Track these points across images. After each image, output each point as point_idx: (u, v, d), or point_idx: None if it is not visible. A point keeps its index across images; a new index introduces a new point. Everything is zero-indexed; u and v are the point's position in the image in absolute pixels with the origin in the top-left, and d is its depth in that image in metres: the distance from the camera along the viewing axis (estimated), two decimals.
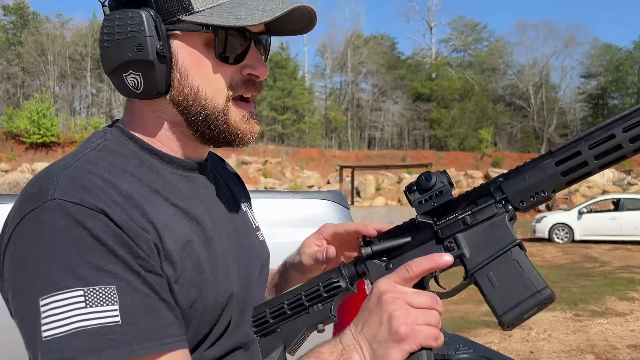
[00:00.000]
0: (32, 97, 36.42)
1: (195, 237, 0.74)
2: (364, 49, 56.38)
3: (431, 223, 0.75)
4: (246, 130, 0.78)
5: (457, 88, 53.17)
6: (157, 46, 0.71)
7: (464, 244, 0.75)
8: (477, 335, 5.36)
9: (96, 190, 0.65)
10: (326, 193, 1.83)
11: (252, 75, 0.76)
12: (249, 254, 0.87)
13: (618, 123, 0.67)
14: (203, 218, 0.77)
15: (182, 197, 0.76)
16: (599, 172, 0.70)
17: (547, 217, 15.89)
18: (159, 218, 0.70)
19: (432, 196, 0.74)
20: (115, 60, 0.72)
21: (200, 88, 0.74)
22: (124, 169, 0.72)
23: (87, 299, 0.58)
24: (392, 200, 31.23)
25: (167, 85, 0.73)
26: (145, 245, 0.66)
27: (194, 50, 0.73)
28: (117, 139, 0.76)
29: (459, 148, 48.71)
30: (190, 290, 0.71)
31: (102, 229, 0.62)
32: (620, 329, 5.67)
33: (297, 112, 50.05)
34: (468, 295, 7.52)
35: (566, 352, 4.89)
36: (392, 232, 0.80)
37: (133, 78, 0.72)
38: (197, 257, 0.73)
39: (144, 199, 0.70)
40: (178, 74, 0.73)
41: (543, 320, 6.02)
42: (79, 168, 0.68)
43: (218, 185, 0.88)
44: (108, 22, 0.73)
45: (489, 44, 59.00)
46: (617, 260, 11.38)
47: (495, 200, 0.74)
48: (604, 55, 54.84)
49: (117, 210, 0.64)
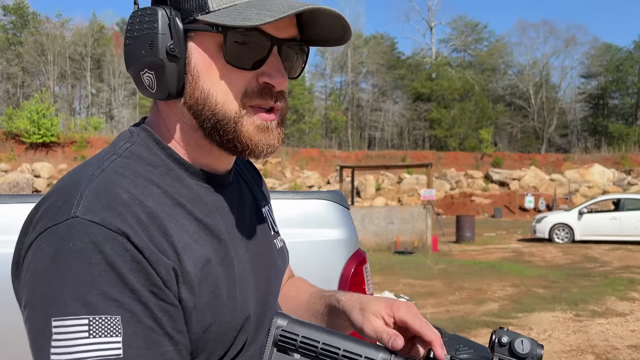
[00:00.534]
0: (32, 97, 36.44)
1: (214, 255, 0.72)
2: (364, 49, 56.42)
3: None
4: (258, 141, 0.72)
5: (457, 88, 53.19)
6: (168, 45, 0.68)
7: None
8: (477, 336, 5.36)
9: (120, 209, 0.63)
10: (326, 193, 1.83)
11: (269, 84, 0.72)
12: (269, 268, 0.85)
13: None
14: (224, 234, 0.75)
15: (205, 211, 0.74)
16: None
17: (547, 217, 15.89)
18: (181, 238, 0.68)
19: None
20: (133, 57, 0.71)
21: (211, 92, 0.70)
22: (150, 179, 0.70)
23: (91, 329, 0.58)
24: (392, 200, 31.23)
25: (179, 87, 0.71)
26: (164, 270, 0.64)
27: (206, 52, 0.70)
28: (145, 143, 0.73)
29: (459, 148, 48.72)
30: (205, 314, 0.69)
31: (119, 253, 0.61)
32: (621, 329, 5.67)
33: (297, 112, 50.08)
34: (468, 296, 7.52)
35: (566, 352, 4.89)
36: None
37: (148, 77, 0.71)
38: (215, 279, 0.70)
39: (168, 215, 0.68)
40: (190, 75, 0.70)
41: (543, 321, 6.02)
42: (104, 181, 0.65)
43: (242, 195, 0.85)
44: (132, 18, 0.72)
45: (489, 44, 59.06)
46: (617, 260, 11.38)
47: None
48: (604, 55, 54.86)
49: (139, 232, 0.63)
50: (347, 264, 1.51)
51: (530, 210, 29.12)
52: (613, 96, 55.51)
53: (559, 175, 34.55)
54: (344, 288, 1.51)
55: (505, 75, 57.53)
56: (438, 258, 11.44)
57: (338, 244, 1.43)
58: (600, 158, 39.79)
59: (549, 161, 41.46)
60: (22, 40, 47.37)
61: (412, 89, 55.15)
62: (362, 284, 1.64)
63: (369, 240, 13.03)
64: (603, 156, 41.20)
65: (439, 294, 7.69)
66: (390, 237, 13.18)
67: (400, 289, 7.82)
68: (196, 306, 0.67)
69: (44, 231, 0.62)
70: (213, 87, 0.70)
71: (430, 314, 6.33)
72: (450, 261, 11.17)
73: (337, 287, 1.45)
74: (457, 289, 8.06)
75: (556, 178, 33.81)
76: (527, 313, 6.39)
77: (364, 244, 12.55)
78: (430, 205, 13.46)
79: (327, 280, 1.31)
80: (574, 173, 34.05)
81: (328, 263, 1.38)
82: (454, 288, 8.11)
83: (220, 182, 0.79)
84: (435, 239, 13.38)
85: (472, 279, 8.86)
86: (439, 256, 11.87)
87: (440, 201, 31.02)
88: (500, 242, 15.80)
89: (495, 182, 34.92)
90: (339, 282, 1.52)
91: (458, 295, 7.59)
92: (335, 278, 1.42)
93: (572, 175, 33.62)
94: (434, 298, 7.36)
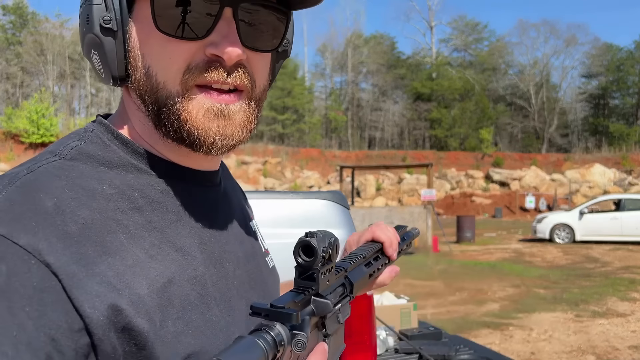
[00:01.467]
0: (32, 97, 36.42)
1: (179, 273, 0.58)
2: (364, 49, 56.42)
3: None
4: (208, 128, 0.57)
5: (457, 88, 53.18)
6: (103, 16, 0.57)
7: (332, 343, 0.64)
8: (478, 336, 5.34)
9: (37, 219, 0.49)
10: (326, 193, 1.81)
11: (217, 57, 0.57)
12: (260, 286, 0.72)
13: None
14: (193, 247, 0.61)
15: (170, 219, 0.60)
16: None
17: (548, 218, 15.87)
18: (129, 253, 0.54)
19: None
20: (81, 38, 0.61)
21: (150, 71, 0.58)
22: (101, 180, 0.57)
23: None
24: (392, 201, 31.23)
25: (122, 68, 0.59)
26: (89, 304, 0.48)
27: (144, 22, 0.57)
28: (99, 140, 0.60)
29: (460, 148, 48.72)
30: (176, 346, 0.55)
31: (18, 277, 0.46)
32: (622, 329, 5.66)
33: (297, 112, 50.08)
34: (469, 296, 7.50)
35: (567, 352, 4.87)
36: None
37: (95, 58, 0.60)
38: (182, 302, 0.57)
39: (117, 225, 0.54)
40: (131, 53, 0.59)
41: (544, 321, 6.01)
42: (27, 184, 0.52)
43: (229, 200, 0.72)
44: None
45: (490, 44, 59.05)
46: (618, 260, 11.36)
47: (349, 298, 0.67)
48: (605, 55, 54.84)
49: (59, 249, 0.49)
50: None
51: (531, 210, 29.11)
52: (614, 96, 55.49)
53: (559, 175, 34.53)
54: None
55: (505, 75, 57.53)
56: (438, 258, 11.43)
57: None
58: (601, 158, 39.77)
59: (549, 161, 41.45)
60: (22, 40, 47.39)
61: (412, 89, 55.14)
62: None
63: None
64: (604, 156, 41.18)
65: (440, 294, 7.68)
66: None
67: (401, 290, 7.81)
68: (162, 338, 0.53)
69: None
70: (152, 65, 0.57)
71: (430, 314, 6.32)
72: (451, 261, 11.15)
73: None
74: (457, 289, 8.04)
75: (557, 178, 33.80)
76: (528, 313, 6.37)
77: None
78: (430, 206, 13.44)
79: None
80: (575, 173, 34.04)
81: None
82: (455, 288, 8.09)
83: (200, 181, 0.65)
84: (436, 239, 13.37)
85: (473, 280, 8.85)
86: (439, 256, 11.86)
87: (440, 201, 31.01)
88: (500, 243, 15.78)
89: (496, 182, 34.91)
90: None
91: (458, 295, 7.58)
92: None
93: (573, 176, 33.61)
94: (435, 298, 7.35)
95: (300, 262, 0.56)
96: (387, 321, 2.91)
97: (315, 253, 0.55)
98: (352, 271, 0.72)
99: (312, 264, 0.56)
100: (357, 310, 1.50)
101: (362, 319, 1.51)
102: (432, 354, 2.54)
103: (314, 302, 0.57)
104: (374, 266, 0.82)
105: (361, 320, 1.50)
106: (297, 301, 0.54)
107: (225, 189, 0.72)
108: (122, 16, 0.57)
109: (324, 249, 0.56)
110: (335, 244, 0.58)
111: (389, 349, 2.67)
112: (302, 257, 0.56)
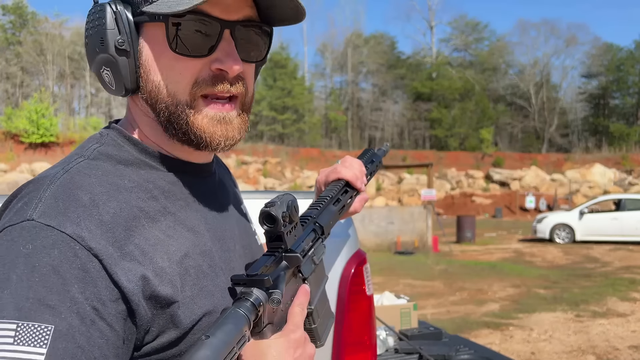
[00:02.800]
0: (31, 97, 36.41)
1: (192, 248, 0.70)
2: (364, 49, 56.39)
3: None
4: (213, 133, 0.70)
5: (457, 88, 53.16)
6: (117, 39, 0.68)
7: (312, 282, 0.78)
8: (478, 336, 5.34)
9: (79, 212, 0.61)
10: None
11: (222, 71, 0.69)
12: (253, 259, 0.84)
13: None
14: (200, 226, 0.74)
15: (181, 204, 0.73)
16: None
17: (548, 218, 15.87)
18: (151, 234, 0.66)
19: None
20: (90, 55, 0.71)
21: (162, 84, 0.69)
22: (121, 176, 0.69)
23: (17, 335, 0.54)
24: (392, 200, 31.22)
25: (135, 82, 0.70)
26: (125, 277, 0.60)
27: (155, 43, 0.69)
28: (115, 142, 0.72)
29: (460, 148, 48.71)
30: (193, 307, 0.67)
31: (68, 259, 0.58)
32: (622, 329, 5.65)
33: (297, 111, 50.06)
34: (469, 296, 7.50)
35: (567, 352, 4.87)
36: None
37: (106, 74, 0.71)
38: (197, 271, 0.69)
39: (140, 212, 0.66)
40: (142, 69, 0.70)
41: (544, 321, 6.00)
42: (65, 183, 0.64)
43: (224, 187, 0.85)
44: (87, 17, 0.72)
45: (490, 44, 59.02)
46: (618, 260, 11.36)
47: (322, 239, 0.81)
48: (605, 54, 54.81)
49: (98, 236, 0.60)
50: (347, 265, 1.49)
51: (531, 210, 29.10)
52: (614, 96, 55.47)
53: (559, 175, 34.53)
54: (344, 288, 1.50)
55: (506, 75, 57.51)
56: (439, 258, 11.42)
57: (338, 244, 1.41)
58: (601, 158, 39.76)
59: (549, 161, 41.44)
60: (21, 40, 47.37)
61: (412, 89, 55.12)
62: (363, 284, 1.62)
63: (369, 241, 13.01)
64: (604, 156, 41.17)
65: (440, 294, 7.67)
66: (390, 237, 13.15)
67: (401, 290, 7.80)
68: (182, 300, 0.66)
69: (1, 231, 0.61)
70: (163, 79, 0.69)
71: (430, 314, 6.31)
72: (451, 261, 11.15)
73: (337, 287, 1.43)
74: (457, 289, 8.04)
75: (557, 178, 33.80)
76: (528, 313, 6.37)
77: (364, 244, 12.55)
78: (430, 206, 13.43)
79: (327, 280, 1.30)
80: (575, 173, 34.04)
81: (328, 263, 1.36)
82: (455, 288, 8.09)
83: (199, 172, 0.78)
84: (436, 239, 13.36)
85: (473, 280, 8.84)
86: (439, 256, 11.86)
87: (440, 201, 31.01)
88: (500, 243, 15.78)
89: (496, 182, 34.90)
90: (339, 282, 1.51)
91: (459, 295, 7.57)
92: (335, 278, 1.40)
93: (573, 175, 33.61)
94: (435, 298, 7.34)
95: (266, 229, 0.67)
96: (387, 321, 2.90)
97: (276, 220, 0.65)
98: (321, 215, 0.84)
99: (275, 228, 0.66)
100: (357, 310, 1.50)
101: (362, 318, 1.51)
102: (432, 354, 2.54)
103: (285, 258, 0.69)
104: (343, 201, 0.94)
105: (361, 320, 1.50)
106: (268, 265, 0.67)
107: (220, 177, 0.85)
108: (133, 38, 0.69)
109: (284, 213, 0.66)
110: (294, 205, 0.69)
111: (389, 349, 2.66)
112: (266, 225, 0.66)
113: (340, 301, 1.36)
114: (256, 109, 50.42)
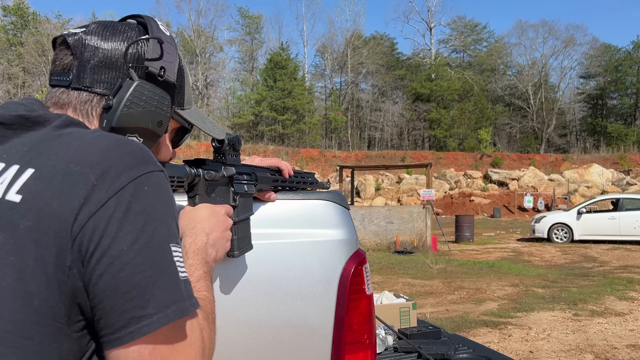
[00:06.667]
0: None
1: None
2: (364, 50, 56.38)
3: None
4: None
5: (456, 88, 53.19)
6: (167, 126, 0.88)
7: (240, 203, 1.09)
8: (477, 335, 5.37)
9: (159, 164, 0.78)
10: (326, 193, 1.83)
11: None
12: None
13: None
14: None
15: None
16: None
17: (546, 217, 15.90)
18: None
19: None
20: (132, 122, 0.82)
21: (161, 152, 0.94)
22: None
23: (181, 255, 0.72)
24: (392, 200, 31.23)
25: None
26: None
27: (170, 130, 0.93)
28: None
29: (459, 148, 48.74)
30: None
31: (170, 191, 0.76)
32: (620, 328, 5.68)
33: (297, 112, 50.04)
34: (467, 295, 7.53)
35: (565, 351, 4.90)
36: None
37: (135, 137, 0.84)
38: None
39: None
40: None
41: (542, 320, 6.03)
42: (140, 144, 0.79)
43: None
44: (139, 88, 0.82)
45: (489, 45, 59.04)
46: (616, 260, 11.39)
47: (254, 184, 1.13)
48: (603, 55, 54.86)
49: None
50: (347, 264, 1.52)
51: (529, 210, 29.14)
52: (612, 96, 55.53)
53: (557, 175, 34.57)
54: (344, 288, 1.52)
55: (504, 76, 57.55)
56: (437, 258, 11.45)
57: (338, 244, 1.44)
58: (599, 158, 39.81)
59: (548, 161, 41.48)
60: (23, 41, 47.33)
61: (411, 90, 55.14)
62: (362, 284, 1.65)
63: (369, 240, 13.04)
64: (602, 156, 41.21)
65: (439, 293, 7.70)
66: (389, 237, 13.18)
67: (400, 289, 7.83)
68: None
69: (140, 175, 0.70)
70: (160, 153, 0.94)
71: (429, 313, 6.34)
72: (450, 261, 11.18)
73: (337, 287, 1.46)
74: (456, 288, 8.07)
75: (555, 178, 33.84)
76: (526, 312, 6.40)
77: (363, 244, 12.57)
78: (429, 205, 13.46)
79: (327, 280, 1.33)
80: (573, 173, 34.07)
81: (328, 263, 1.39)
82: (453, 287, 8.12)
83: None
84: (435, 239, 13.39)
85: (471, 279, 8.87)
86: (438, 256, 11.88)
87: (439, 201, 31.03)
88: (499, 242, 15.81)
89: (495, 182, 34.93)
90: (339, 282, 1.53)
91: (457, 294, 7.60)
92: (335, 278, 1.43)
93: (571, 175, 33.64)
94: (434, 297, 7.37)
95: (214, 146, 1.03)
96: (386, 320, 2.93)
97: (222, 141, 1.02)
98: (258, 170, 1.16)
99: (220, 147, 1.03)
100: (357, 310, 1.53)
101: (362, 317, 1.54)
102: (431, 353, 2.56)
103: (224, 168, 1.03)
104: (275, 177, 1.25)
105: (360, 319, 1.53)
106: (212, 162, 1.02)
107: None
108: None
109: (229, 140, 1.03)
110: (237, 139, 1.06)
111: (388, 348, 2.69)
112: (215, 143, 1.03)
113: (340, 300, 1.39)
114: (256, 109, 50.38)
